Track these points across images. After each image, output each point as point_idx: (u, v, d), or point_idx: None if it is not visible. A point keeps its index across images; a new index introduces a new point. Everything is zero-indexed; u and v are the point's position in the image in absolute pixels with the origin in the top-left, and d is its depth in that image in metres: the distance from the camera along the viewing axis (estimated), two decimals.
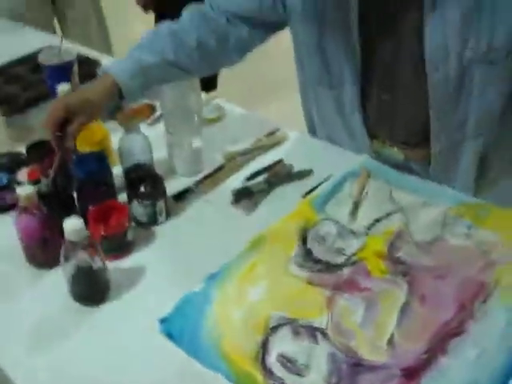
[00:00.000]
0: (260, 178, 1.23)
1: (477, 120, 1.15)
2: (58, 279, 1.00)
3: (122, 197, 1.16)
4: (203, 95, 1.45)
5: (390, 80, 1.17)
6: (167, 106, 1.27)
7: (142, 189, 1.11)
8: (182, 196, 1.19)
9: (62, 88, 1.27)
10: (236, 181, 1.24)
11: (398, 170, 1.23)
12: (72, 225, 0.91)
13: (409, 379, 0.83)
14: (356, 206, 1.13)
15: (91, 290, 0.98)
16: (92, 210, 1.06)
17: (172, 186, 1.20)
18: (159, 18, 2.49)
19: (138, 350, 0.90)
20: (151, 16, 2.57)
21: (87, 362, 0.89)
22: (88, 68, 1.57)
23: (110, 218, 1.07)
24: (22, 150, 1.33)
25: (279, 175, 1.24)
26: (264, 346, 0.89)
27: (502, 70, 1.09)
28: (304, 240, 1.07)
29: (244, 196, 1.18)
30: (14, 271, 1.06)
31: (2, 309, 0.99)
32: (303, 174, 1.24)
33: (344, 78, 1.20)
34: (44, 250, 1.04)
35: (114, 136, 1.27)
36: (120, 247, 1.06)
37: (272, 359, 0.87)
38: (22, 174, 1.26)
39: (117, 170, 1.23)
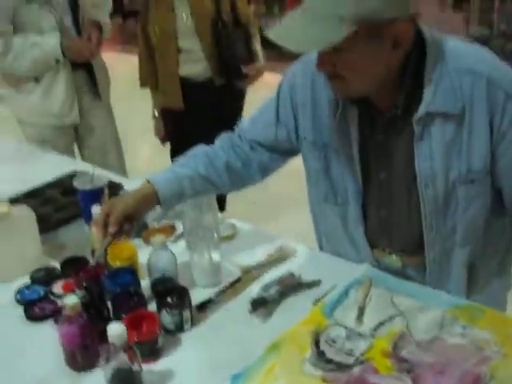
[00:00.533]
0: (273, 289, 1.37)
1: (464, 231, 1.30)
2: (95, 380, 1.11)
3: (151, 306, 1.29)
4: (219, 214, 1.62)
5: (386, 198, 1.34)
6: (188, 225, 1.43)
7: (170, 300, 1.25)
8: (204, 306, 1.32)
9: (96, 210, 1.44)
10: (252, 291, 1.37)
11: (396, 277, 1.37)
12: (115, 330, 1.03)
13: None
14: (361, 312, 1.26)
15: None
16: (126, 318, 1.19)
17: (194, 297, 1.33)
18: (173, 150, 2.72)
19: None
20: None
21: None
22: (112, 190, 1.75)
23: (142, 326, 1.20)
24: (56, 264, 1.48)
25: (290, 286, 1.38)
26: None
27: (482, 188, 1.26)
28: (317, 343, 1.19)
29: (260, 305, 1.32)
30: (54, 374, 1.17)
31: None
32: (312, 284, 1.38)
33: (348, 197, 1.37)
34: (84, 354, 1.16)
35: (140, 252, 1.43)
36: (151, 352, 1.17)
37: None
38: (57, 287, 1.41)
39: (144, 283, 1.36)
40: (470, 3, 7.48)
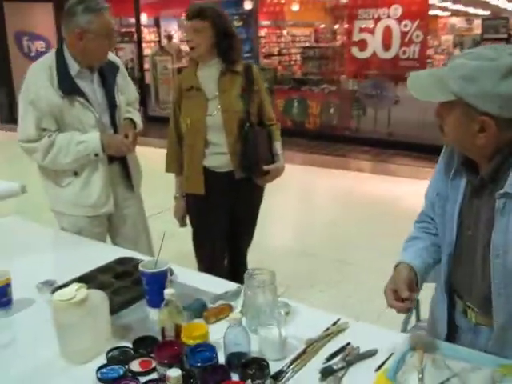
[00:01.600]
0: (337, 359, 1.53)
1: None
2: None
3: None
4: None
5: (469, 255, 1.55)
6: (256, 302, 1.60)
7: (252, 371, 1.39)
8: (278, 376, 1.47)
9: (168, 291, 1.59)
10: (317, 362, 1.53)
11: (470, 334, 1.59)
12: None
13: None
14: (422, 373, 1.43)
15: None
16: None
17: None
18: (194, 232, 2.88)
19: None
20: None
21: None
22: None
23: None
24: (127, 344, 1.61)
25: (351, 356, 1.54)
26: None
27: None
28: None
29: (329, 374, 1.47)
30: None
31: None
32: (370, 354, 1.55)
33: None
34: None
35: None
36: None
37: None
38: (135, 365, 1.54)
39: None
40: None
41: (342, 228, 5.09)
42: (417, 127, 6.89)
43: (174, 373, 1.27)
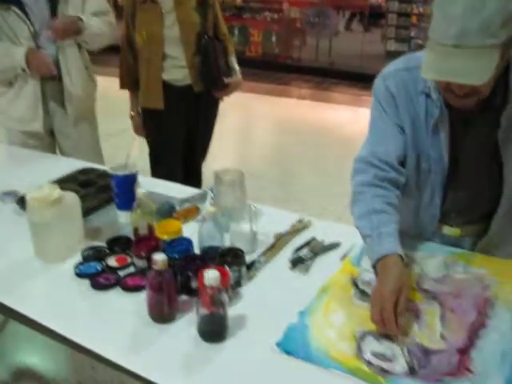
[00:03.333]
0: (304, 250, 1.64)
1: None
2: (178, 329, 1.34)
3: None
4: None
5: (469, 181, 1.54)
6: (228, 200, 1.68)
7: (230, 259, 1.48)
8: (252, 265, 1.57)
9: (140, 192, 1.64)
10: (286, 253, 1.64)
11: (449, 245, 1.64)
12: (212, 273, 1.26)
13: (463, 354, 1.24)
14: None
15: (220, 328, 1.31)
16: (200, 273, 1.40)
17: None
18: (151, 147, 2.90)
19: (260, 367, 1.24)
20: None
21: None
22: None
23: None
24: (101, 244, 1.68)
25: (318, 247, 1.65)
26: (359, 349, 1.26)
27: None
28: (356, 285, 1.48)
29: (298, 262, 1.58)
30: (139, 328, 1.37)
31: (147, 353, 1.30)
32: (334, 246, 1.67)
33: (428, 182, 1.56)
34: (169, 305, 1.36)
35: None
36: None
37: (368, 356, 1.24)
38: (112, 261, 1.60)
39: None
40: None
41: (285, 152, 5.21)
42: (358, 57, 7.00)
43: (160, 256, 1.33)
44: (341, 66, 7.39)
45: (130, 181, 1.79)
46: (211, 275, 1.26)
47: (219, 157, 4.98)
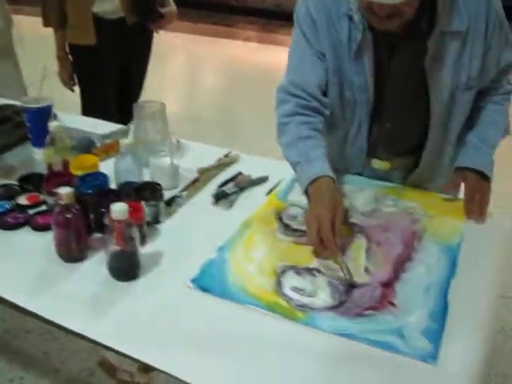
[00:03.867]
0: (229, 185, 1.55)
1: (457, 132, 1.49)
2: (87, 269, 1.25)
3: None
4: None
5: (394, 111, 1.47)
6: (147, 133, 1.56)
7: (147, 193, 1.38)
8: (172, 201, 1.47)
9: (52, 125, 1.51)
10: (210, 189, 1.54)
11: (380, 179, 1.57)
12: (118, 207, 1.16)
13: (387, 287, 1.18)
14: None
15: (131, 265, 1.22)
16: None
17: None
18: (83, 90, 2.71)
19: (174, 305, 1.16)
20: None
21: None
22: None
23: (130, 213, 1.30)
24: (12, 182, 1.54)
25: (243, 182, 1.56)
26: (279, 283, 1.19)
27: (475, 91, 1.44)
28: (280, 219, 1.40)
29: (221, 197, 1.49)
30: (48, 268, 1.27)
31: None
32: (262, 180, 1.58)
33: (355, 115, 1.47)
34: (77, 241, 1.26)
35: None
36: (141, 236, 1.30)
37: (287, 290, 1.17)
38: (22, 200, 1.48)
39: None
40: None
41: (229, 95, 5.07)
42: None
43: (65, 190, 1.22)
44: (287, 7, 7.19)
45: (43, 114, 1.65)
46: (117, 208, 1.16)
47: (162, 100, 4.81)
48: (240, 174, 1.61)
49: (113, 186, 1.48)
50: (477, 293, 1.20)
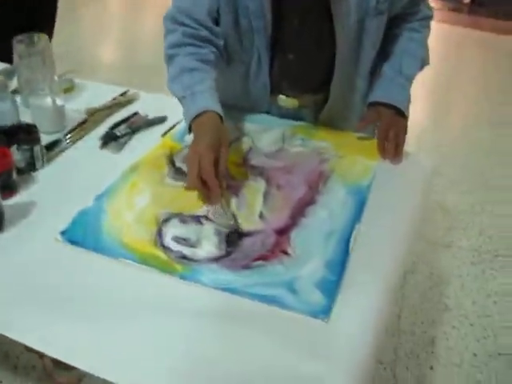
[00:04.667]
0: (122, 127, 1.38)
1: (368, 63, 1.35)
2: None
3: None
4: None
5: (298, 42, 1.31)
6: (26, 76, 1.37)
7: (20, 136, 1.20)
8: (53, 145, 1.30)
9: None
10: (100, 132, 1.37)
11: (289, 118, 1.43)
12: None
13: (281, 235, 1.05)
14: None
15: None
16: None
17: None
18: None
19: (39, 261, 1.01)
20: None
21: None
22: None
23: None
24: None
25: (138, 123, 1.40)
26: (159, 233, 1.04)
27: (385, 18, 1.29)
28: (172, 162, 1.25)
29: (110, 139, 1.33)
30: None
31: None
32: (160, 120, 1.42)
33: (254, 49, 1.31)
34: None
35: None
36: (8, 186, 1.14)
37: (168, 240, 1.03)
38: None
39: None
40: None
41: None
42: None
43: None
44: None
45: None
46: None
47: (101, 47, 4.55)
48: (136, 114, 1.44)
49: None
50: (383, 240, 1.08)
